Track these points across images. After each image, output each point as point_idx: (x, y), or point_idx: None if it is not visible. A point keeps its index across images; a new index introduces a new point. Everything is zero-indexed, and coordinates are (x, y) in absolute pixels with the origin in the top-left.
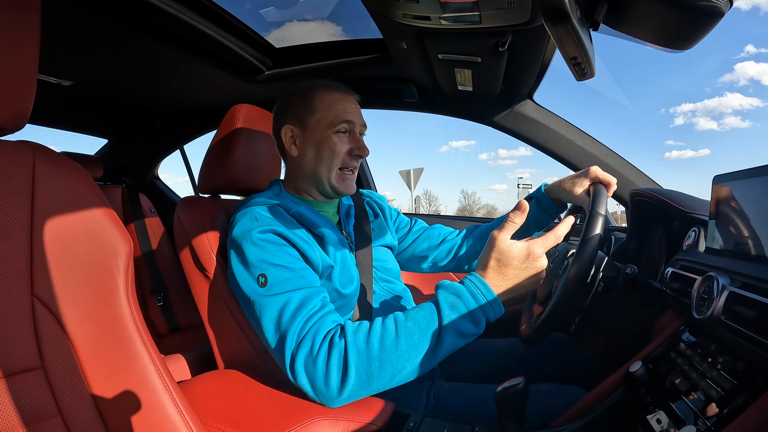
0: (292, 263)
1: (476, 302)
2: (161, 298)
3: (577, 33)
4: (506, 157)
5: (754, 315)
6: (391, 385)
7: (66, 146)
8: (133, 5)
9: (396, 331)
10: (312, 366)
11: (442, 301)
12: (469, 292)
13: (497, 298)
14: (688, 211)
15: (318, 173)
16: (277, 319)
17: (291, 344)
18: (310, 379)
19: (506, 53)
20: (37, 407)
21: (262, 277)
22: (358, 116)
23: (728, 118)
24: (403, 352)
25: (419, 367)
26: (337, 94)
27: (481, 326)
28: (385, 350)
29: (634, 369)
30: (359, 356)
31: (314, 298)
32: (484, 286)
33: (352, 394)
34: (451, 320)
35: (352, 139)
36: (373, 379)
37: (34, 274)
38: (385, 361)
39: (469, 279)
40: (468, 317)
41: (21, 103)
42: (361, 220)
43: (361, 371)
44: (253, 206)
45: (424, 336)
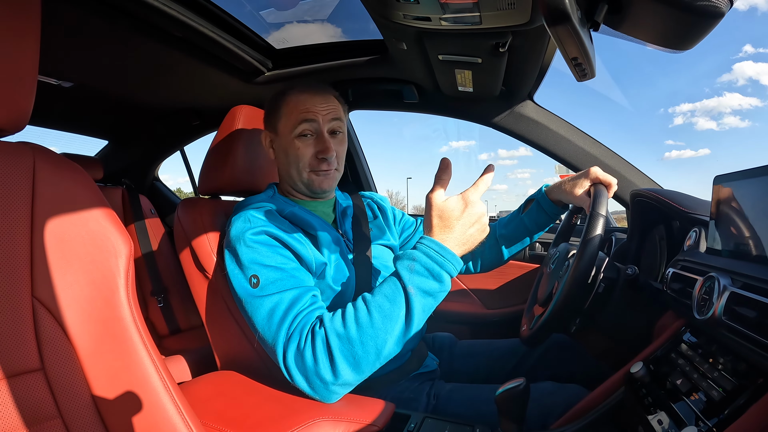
0: (284, 264)
1: (431, 259)
2: (161, 299)
3: (577, 34)
4: (506, 157)
5: (755, 315)
6: (380, 361)
7: (66, 147)
8: (133, 6)
9: (367, 308)
10: (301, 361)
11: (400, 267)
12: (422, 253)
13: (450, 250)
14: (689, 212)
15: (291, 176)
16: (269, 319)
17: (281, 343)
18: (303, 375)
19: (506, 54)
20: (38, 409)
21: (254, 278)
22: (324, 114)
23: (727, 117)
24: (378, 325)
25: (400, 336)
26: (304, 95)
27: (444, 281)
28: (362, 327)
29: (635, 370)
30: (340, 340)
31: (304, 297)
32: (433, 242)
33: (346, 380)
34: (414, 282)
35: (318, 140)
36: (360, 359)
37: (35, 275)
38: (365, 338)
39: (419, 242)
40: (428, 275)
41: (21, 105)
42: (359, 220)
43: (347, 354)
44: (247, 209)
45: (393, 304)
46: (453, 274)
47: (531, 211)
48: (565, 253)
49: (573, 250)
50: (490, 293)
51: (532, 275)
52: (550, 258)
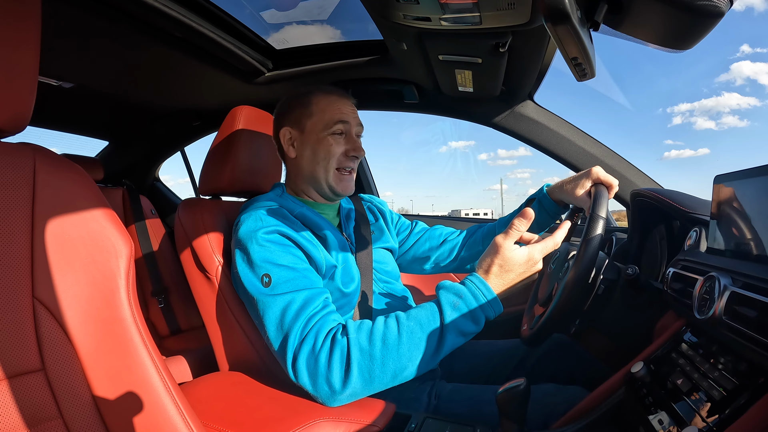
0: (296, 264)
1: (477, 302)
2: (162, 299)
3: (577, 33)
4: (506, 157)
5: (755, 315)
6: (392, 383)
7: (67, 148)
8: (133, 7)
9: (398, 330)
10: (314, 364)
11: (444, 301)
12: (470, 293)
13: (497, 297)
14: (689, 212)
15: (316, 174)
16: (280, 318)
17: (294, 343)
18: (311, 377)
19: (507, 54)
20: (38, 409)
21: (266, 277)
22: (353, 117)
23: (726, 117)
24: (405, 350)
25: (420, 365)
26: (333, 97)
27: (481, 324)
28: (388, 348)
29: (636, 370)
30: (362, 354)
31: (317, 299)
32: (485, 287)
33: (353, 392)
34: (453, 320)
35: (348, 140)
36: (375, 377)
37: (35, 275)
38: (387, 359)
39: (471, 280)
40: (469, 317)
41: (22, 105)
42: (361, 224)
43: (363, 369)
44: (258, 208)
45: (426, 335)
46: (491, 319)
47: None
48: (565, 253)
49: (573, 251)
50: None
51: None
52: (550, 258)
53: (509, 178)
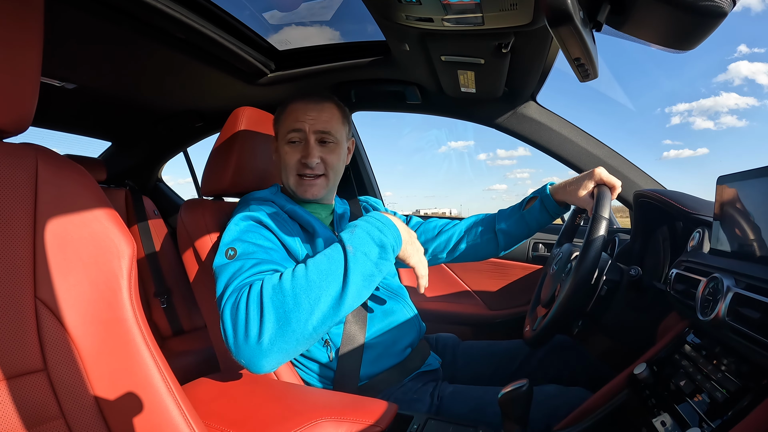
0: (263, 243)
1: (373, 225)
2: (164, 300)
3: (580, 34)
4: (505, 157)
5: (759, 316)
6: (312, 323)
7: (69, 149)
8: (136, 8)
9: (305, 266)
10: (234, 312)
11: (342, 233)
12: (364, 221)
13: (393, 224)
14: (692, 212)
15: (284, 180)
16: (228, 282)
17: (224, 298)
18: (233, 328)
19: (509, 55)
20: (40, 409)
21: (231, 250)
22: (312, 124)
23: (725, 117)
24: (314, 279)
25: (336, 297)
26: (299, 104)
27: (386, 248)
28: (297, 280)
29: (639, 371)
30: (273, 290)
31: (266, 265)
32: (378, 214)
33: (273, 337)
34: (353, 242)
35: (303, 147)
36: (290, 313)
37: (37, 276)
38: (298, 290)
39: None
40: (367, 238)
41: (24, 106)
42: None
43: (277, 305)
44: (249, 201)
45: (331, 261)
46: (395, 246)
47: (533, 209)
48: (568, 254)
49: (576, 252)
50: (493, 294)
51: (535, 276)
52: (553, 259)
53: (509, 178)
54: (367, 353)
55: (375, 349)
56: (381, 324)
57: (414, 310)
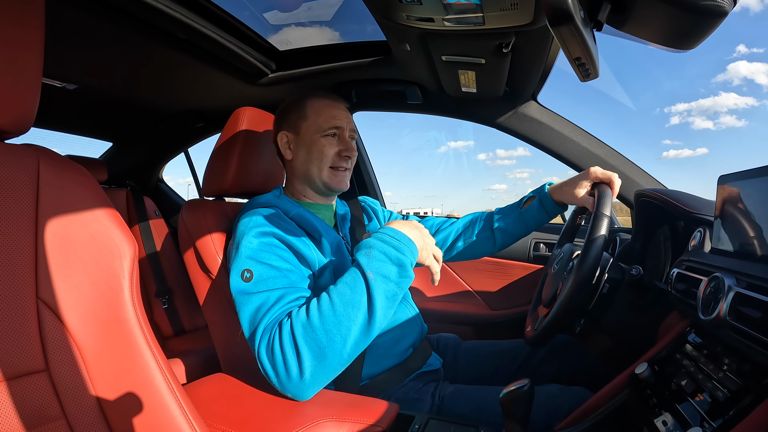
0: (279, 263)
1: (387, 245)
2: (166, 300)
3: (580, 34)
4: (504, 157)
5: (760, 316)
6: (347, 352)
7: (70, 150)
8: (137, 9)
9: (329, 297)
10: (270, 354)
11: (358, 256)
12: (379, 240)
13: (408, 237)
14: (693, 212)
15: (309, 173)
16: (253, 315)
17: (257, 338)
18: (273, 368)
19: (510, 54)
20: (42, 410)
21: (247, 272)
22: (347, 122)
23: (724, 117)
24: (340, 312)
25: (365, 324)
26: (326, 101)
27: (405, 266)
28: (324, 315)
29: (640, 371)
30: (304, 329)
31: (290, 295)
32: (391, 230)
33: (314, 373)
34: (372, 267)
35: (341, 141)
36: (325, 349)
37: (39, 276)
38: (328, 325)
39: (378, 231)
40: (385, 259)
41: (25, 107)
42: (356, 225)
43: (311, 343)
44: (255, 208)
45: (354, 291)
46: (413, 261)
47: (532, 208)
48: (569, 253)
49: (577, 251)
50: (495, 294)
51: (537, 276)
52: (554, 258)
53: (508, 178)
54: (368, 353)
55: (377, 349)
56: None
57: (416, 310)
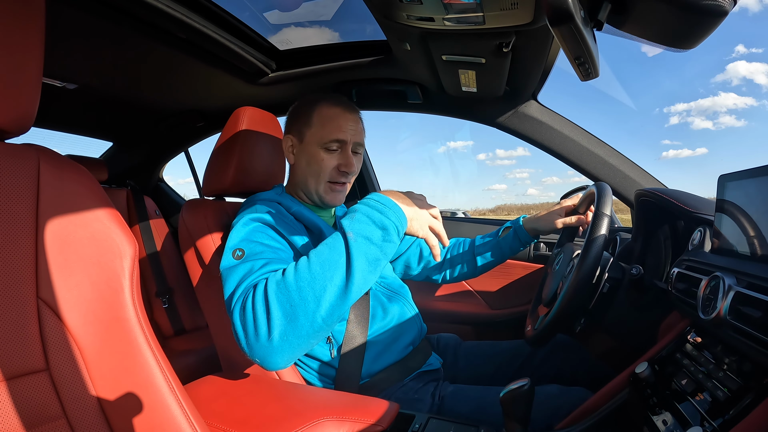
0: (271, 243)
1: (372, 208)
2: (166, 300)
3: (580, 33)
4: (504, 157)
5: (760, 315)
6: (320, 314)
7: (71, 149)
8: (137, 9)
9: (308, 257)
10: (242, 313)
11: (343, 220)
12: (363, 204)
13: (394, 202)
14: (694, 211)
15: (307, 183)
16: (238, 284)
17: (233, 301)
18: (243, 329)
19: (510, 54)
20: (42, 409)
21: (239, 251)
22: (353, 135)
23: (723, 117)
24: (316, 270)
25: (342, 285)
26: (335, 110)
27: (388, 230)
28: (300, 273)
29: (640, 370)
30: (278, 286)
31: (274, 265)
32: (377, 195)
33: (282, 333)
34: (353, 228)
35: (342, 155)
36: (297, 308)
37: (39, 276)
38: (302, 283)
39: (365, 197)
40: (368, 222)
41: (26, 107)
42: None
43: (283, 302)
44: (255, 202)
45: (332, 251)
46: (398, 226)
47: (507, 237)
48: (569, 253)
49: (578, 250)
50: (495, 294)
51: (537, 275)
52: (554, 258)
53: (508, 178)
54: (368, 351)
55: (376, 346)
56: (382, 322)
57: (415, 309)
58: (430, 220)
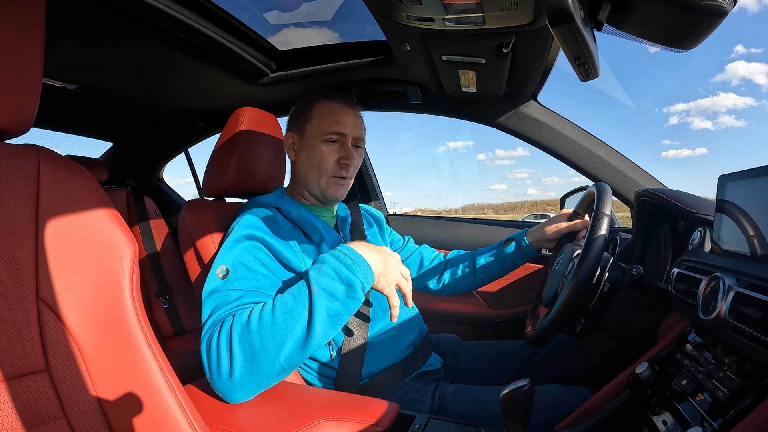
0: (256, 266)
1: (340, 262)
2: (166, 300)
3: (580, 33)
4: (504, 157)
5: (760, 315)
6: (279, 362)
7: (71, 150)
8: (137, 9)
9: (272, 304)
10: (208, 349)
11: (310, 270)
12: (332, 256)
13: (362, 257)
14: (694, 212)
15: (309, 178)
16: (210, 312)
17: (203, 332)
18: (208, 364)
19: (510, 54)
20: (42, 410)
21: (223, 270)
22: (352, 128)
23: (723, 117)
24: (279, 320)
25: (302, 338)
26: (334, 105)
27: (354, 286)
28: (263, 321)
29: (640, 370)
30: (242, 330)
31: (248, 297)
32: (346, 248)
33: (242, 375)
34: (318, 282)
35: (342, 148)
36: (257, 354)
37: (39, 277)
38: (264, 331)
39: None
40: (334, 276)
41: (26, 107)
42: (357, 228)
43: (245, 345)
44: (253, 208)
45: (296, 302)
46: (364, 283)
47: (510, 249)
48: (569, 253)
49: (578, 251)
50: (495, 294)
51: (537, 276)
52: (554, 258)
53: (508, 178)
54: (368, 352)
55: (376, 347)
56: (383, 323)
57: (416, 309)
58: (399, 278)
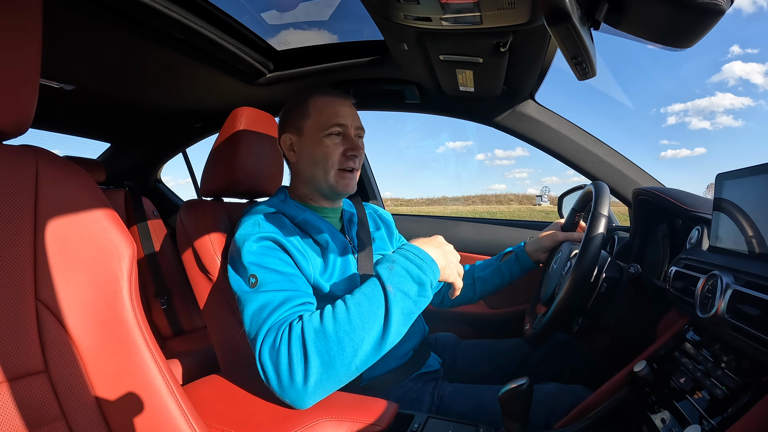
0: (284, 268)
1: (411, 262)
2: (164, 301)
3: (577, 32)
4: (503, 157)
5: (758, 313)
6: (355, 364)
7: (69, 150)
8: (134, 9)
9: (346, 306)
10: (276, 356)
11: (380, 269)
12: (401, 256)
13: (430, 256)
14: (692, 210)
15: (315, 176)
16: (258, 313)
17: (260, 337)
18: (276, 371)
19: (507, 53)
20: (41, 411)
21: (252, 278)
22: (351, 119)
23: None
24: (356, 322)
25: (378, 338)
26: (329, 98)
27: (425, 286)
28: (339, 323)
29: (639, 369)
30: (316, 335)
31: (296, 299)
32: (414, 248)
33: (318, 380)
34: (393, 282)
35: (346, 140)
36: (335, 357)
37: (38, 278)
38: (341, 334)
39: (401, 248)
40: (406, 276)
41: (23, 108)
42: (363, 228)
43: (321, 350)
44: (258, 212)
45: (372, 302)
46: (433, 281)
47: (509, 261)
48: (567, 252)
49: (576, 249)
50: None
51: (535, 275)
52: (552, 257)
53: (507, 178)
54: None
55: None
56: None
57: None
58: (459, 266)
